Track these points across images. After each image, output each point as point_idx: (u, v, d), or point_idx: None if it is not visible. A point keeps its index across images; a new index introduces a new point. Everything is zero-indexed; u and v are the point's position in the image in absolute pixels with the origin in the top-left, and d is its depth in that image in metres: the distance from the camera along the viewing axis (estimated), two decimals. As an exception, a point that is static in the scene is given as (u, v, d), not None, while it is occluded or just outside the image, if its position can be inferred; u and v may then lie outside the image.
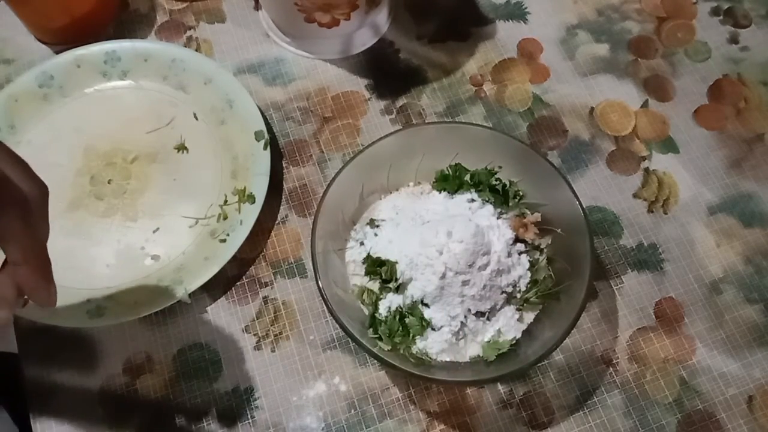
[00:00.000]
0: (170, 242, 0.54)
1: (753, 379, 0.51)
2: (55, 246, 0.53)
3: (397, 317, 0.47)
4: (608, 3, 0.66)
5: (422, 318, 0.46)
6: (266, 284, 0.54)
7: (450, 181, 0.51)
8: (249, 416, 0.49)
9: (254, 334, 0.52)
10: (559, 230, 0.49)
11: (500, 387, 0.50)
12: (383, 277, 0.48)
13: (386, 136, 0.50)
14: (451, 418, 0.49)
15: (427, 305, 0.47)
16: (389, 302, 0.47)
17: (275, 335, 0.52)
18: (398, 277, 0.47)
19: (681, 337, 0.52)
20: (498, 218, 0.49)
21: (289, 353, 0.51)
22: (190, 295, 0.50)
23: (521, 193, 0.51)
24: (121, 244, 0.54)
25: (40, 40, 0.63)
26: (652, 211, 0.57)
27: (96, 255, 0.53)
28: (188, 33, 0.64)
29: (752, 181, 0.58)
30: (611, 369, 0.51)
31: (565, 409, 0.50)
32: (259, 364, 0.51)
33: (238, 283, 0.54)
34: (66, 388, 0.50)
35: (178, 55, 0.60)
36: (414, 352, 0.47)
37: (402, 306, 0.47)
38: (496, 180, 0.51)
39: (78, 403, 0.50)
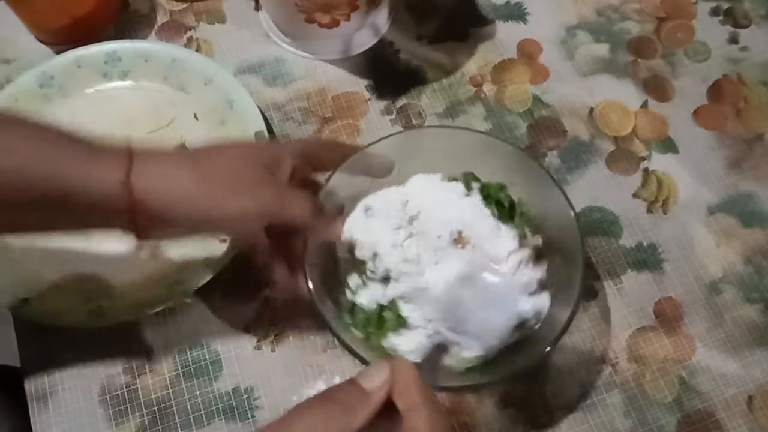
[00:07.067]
0: (170, 242, 0.54)
1: (753, 379, 0.51)
2: (54, 246, 0.54)
3: (377, 309, 0.46)
4: (608, 3, 0.67)
5: (399, 315, 0.46)
6: (266, 284, 0.54)
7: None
8: (249, 416, 0.49)
9: (254, 334, 0.52)
10: (558, 258, 0.48)
11: (500, 387, 0.50)
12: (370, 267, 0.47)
13: (385, 138, 0.50)
14: (451, 418, 0.49)
15: (406, 301, 0.46)
16: (372, 292, 0.47)
17: (275, 335, 0.52)
18: (380, 270, 0.46)
19: (681, 337, 0.52)
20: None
21: (290, 353, 0.51)
22: (190, 295, 0.50)
23: (526, 213, 0.50)
24: (121, 244, 0.54)
25: (40, 40, 0.63)
26: (652, 211, 0.57)
27: (96, 255, 0.53)
28: (188, 33, 0.64)
29: (752, 181, 0.58)
30: (611, 369, 0.51)
31: (565, 409, 0.50)
32: (260, 364, 0.51)
33: (238, 283, 0.54)
34: (66, 388, 0.50)
35: (178, 56, 0.60)
36: (385, 346, 0.46)
37: (382, 299, 0.46)
38: (504, 195, 0.50)
39: (78, 403, 0.50)
